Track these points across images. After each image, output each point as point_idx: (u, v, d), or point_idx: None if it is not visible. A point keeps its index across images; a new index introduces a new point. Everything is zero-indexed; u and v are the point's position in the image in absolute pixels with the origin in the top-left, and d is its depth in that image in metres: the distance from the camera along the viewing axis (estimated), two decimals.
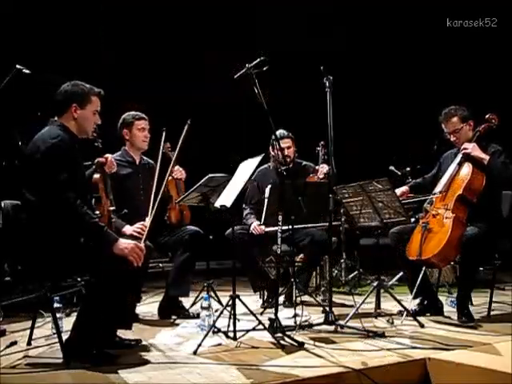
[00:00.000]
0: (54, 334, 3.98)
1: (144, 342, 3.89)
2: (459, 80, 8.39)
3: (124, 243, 3.39)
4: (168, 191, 4.82)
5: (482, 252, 4.37)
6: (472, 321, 4.30)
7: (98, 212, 3.95)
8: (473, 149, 4.49)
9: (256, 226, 5.23)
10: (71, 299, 5.07)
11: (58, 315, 3.72)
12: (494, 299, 4.73)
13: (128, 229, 4.50)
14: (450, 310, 4.75)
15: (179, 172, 4.92)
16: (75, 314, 3.61)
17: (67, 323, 3.91)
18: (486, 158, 4.43)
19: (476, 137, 4.62)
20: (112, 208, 4.31)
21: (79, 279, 4.52)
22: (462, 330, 4.11)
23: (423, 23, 8.61)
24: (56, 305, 3.95)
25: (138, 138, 4.93)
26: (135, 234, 4.38)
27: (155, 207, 4.14)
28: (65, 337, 3.46)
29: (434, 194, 4.58)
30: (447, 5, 7.90)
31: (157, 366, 3.34)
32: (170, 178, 4.66)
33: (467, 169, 4.47)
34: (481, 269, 4.95)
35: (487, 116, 4.69)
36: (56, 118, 3.62)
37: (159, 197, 4.23)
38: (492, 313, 4.64)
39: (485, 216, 4.39)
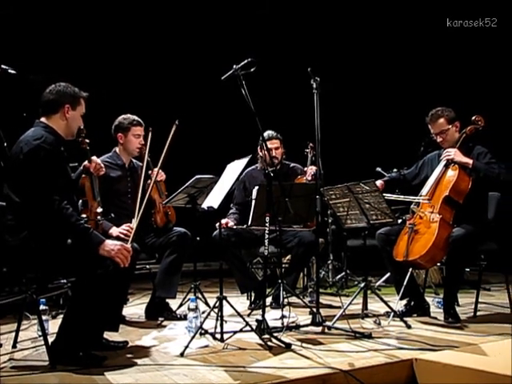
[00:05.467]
0: (39, 336, 3.96)
1: (131, 344, 3.88)
2: (446, 81, 8.43)
3: (110, 244, 3.37)
4: (150, 195, 4.79)
5: (468, 253, 4.40)
6: (458, 321, 4.32)
7: (84, 215, 3.94)
8: (455, 154, 4.52)
9: (223, 222, 5.18)
10: (57, 301, 5.05)
11: (43, 317, 3.69)
12: (479, 300, 4.76)
13: (114, 230, 4.49)
14: (436, 310, 4.78)
15: (159, 174, 4.89)
16: (61, 316, 3.59)
17: (53, 325, 3.89)
18: (470, 161, 4.46)
19: (462, 138, 4.65)
20: (99, 210, 4.29)
21: (65, 281, 4.52)
22: (449, 330, 4.13)
23: (412, 24, 8.65)
24: (42, 307, 3.92)
25: (132, 145, 4.90)
26: (122, 235, 4.37)
27: (142, 209, 4.12)
28: (51, 339, 3.43)
29: (421, 196, 4.60)
30: (447, 5, 7.93)
31: (143, 367, 3.32)
32: (151, 181, 4.62)
33: (453, 170, 4.50)
34: (467, 270, 4.98)
35: (473, 118, 4.72)
36: (42, 119, 3.60)
37: (146, 198, 4.21)
38: (478, 313, 4.66)
39: (471, 217, 4.42)
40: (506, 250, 4.76)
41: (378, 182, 4.73)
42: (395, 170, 6.42)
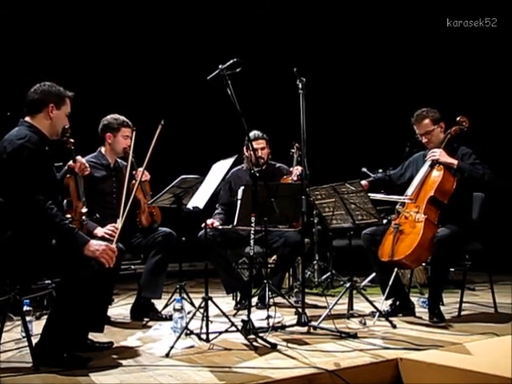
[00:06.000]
0: (23, 337, 3.93)
1: (116, 345, 3.87)
2: (431, 81, 8.48)
3: (95, 245, 3.35)
4: (135, 195, 4.76)
5: (453, 253, 4.42)
6: (443, 321, 4.34)
7: (69, 215, 3.91)
8: (440, 155, 4.55)
9: (208, 222, 5.16)
10: (41, 302, 5.01)
11: (27, 318, 3.67)
12: (464, 299, 4.79)
13: (99, 230, 4.47)
14: (421, 310, 4.80)
15: (144, 174, 4.86)
16: (45, 317, 3.57)
17: (37, 326, 3.85)
18: (455, 162, 4.49)
19: (447, 139, 4.68)
20: (84, 210, 4.26)
21: (50, 282, 4.49)
22: (433, 330, 4.14)
23: (398, 25, 8.69)
24: (26, 308, 3.90)
25: (120, 145, 4.87)
26: (106, 235, 4.35)
27: (127, 209, 4.11)
28: (35, 340, 3.41)
29: (406, 196, 4.62)
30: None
31: (129, 368, 3.31)
32: (135, 181, 4.60)
33: (438, 171, 4.52)
34: (451, 270, 5.01)
35: (458, 118, 4.75)
36: (27, 118, 3.57)
37: (130, 199, 4.19)
38: (462, 313, 4.69)
39: (456, 218, 4.44)
40: (490, 250, 4.80)
41: (363, 182, 4.73)
42: (381, 170, 6.45)
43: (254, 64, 5.65)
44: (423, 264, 5.17)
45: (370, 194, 4.42)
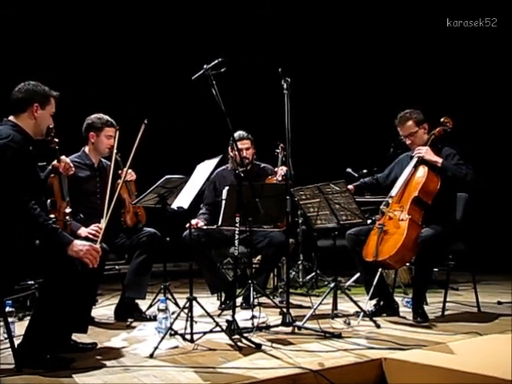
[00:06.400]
0: (5, 338, 3.87)
1: (100, 346, 3.84)
2: (415, 82, 8.52)
3: (79, 245, 3.33)
4: (120, 195, 4.74)
5: (437, 253, 4.45)
6: (427, 321, 4.36)
7: (53, 215, 3.88)
8: (426, 152, 4.57)
9: (193, 222, 5.17)
10: (24, 303, 4.97)
11: (10, 319, 3.63)
12: (447, 299, 4.82)
13: (83, 231, 4.44)
14: (405, 310, 4.82)
15: (129, 174, 4.85)
16: (28, 318, 3.54)
17: (20, 328, 3.83)
18: (439, 160, 4.51)
19: (431, 140, 4.70)
20: (68, 210, 4.24)
21: (33, 282, 4.45)
22: (417, 329, 4.17)
23: (388, 26, 8.73)
24: (8, 309, 3.86)
25: (103, 145, 4.84)
26: (90, 236, 4.32)
27: (111, 209, 4.09)
28: (17, 342, 3.37)
29: (390, 196, 4.64)
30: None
31: (112, 369, 3.29)
32: (120, 181, 4.58)
33: (422, 171, 4.54)
34: (435, 270, 5.03)
35: (442, 119, 4.78)
36: (11, 118, 3.54)
37: (114, 199, 4.17)
38: (446, 312, 4.71)
39: (439, 218, 4.46)
40: (474, 251, 4.83)
41: (349, 187, 4.74)
42: (365, 170, 6.48)
43: (239, 64, 5.65)
44: (407, 264, 5.21)
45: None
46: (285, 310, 4.26)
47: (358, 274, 5.78)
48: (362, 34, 8.94)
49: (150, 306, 4.95)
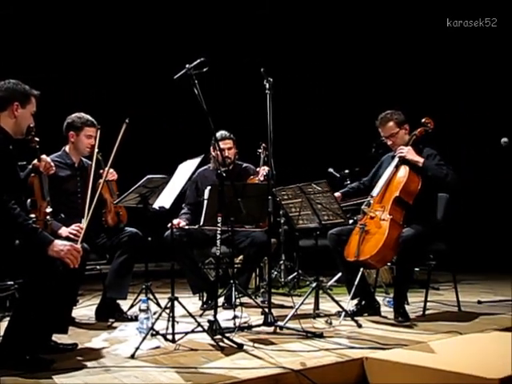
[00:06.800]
0: None
1: (80, 346, 3.81)
2: (396, 83, 8.57)
3: (60, 245, 3.30)
4: (101, 195, 4.72)
5: (418, 253, 4.47)
6: (408, 320, 4.38)
7: (33, 215, 3.85)
8: (408, 152, 4.60)
9: (174, 222, 5.16)
10: (3, 303, 4.92)
11: None
12: (428, 299, 4.85)
13: (64, 230, 4.41)
14: (386, 309, 4.85)
15: (111, 174, 4.82)
16: (8, 319, 3.50)
17: None
18: (421, 160, 4.54)
19: (412, 140, 4.73)
20: (49, 210, 4.20)
21: (12, 282, 4.41)
22: (399, 329, 4.19)
23: (367, 25, 8.76)
24: None
25: (83, 145, 4.81)
26: (71, 235, 4.29)
27: (92, 208, 4.06)
28: None
29: (372, 196, 4.66)
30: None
31: (93, 370, 3.27)
32: (102, 180, 4.55)
33: (404, 171, 4.57)
34: (416, 269, 5.06)
35: (423, 120, 4.81)
36: None
37: (95, 198, 4.15)
38: (427, 312, 4.74)
39: (420, 218, 4.49)
40: (454, 250, 4.87)
41: (336, 194, 4.75)
42: (347, 170, 6.52)
43: (221, 64, 5.65)
44: (388, 264, 5.22)
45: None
46: (267, 309, 4.26)
47: (340, 274, 5.80)
48: (345, 36, 8.98)
49: (132, 306, 4.93)
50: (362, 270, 4.73)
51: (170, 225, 4.40)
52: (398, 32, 8.52)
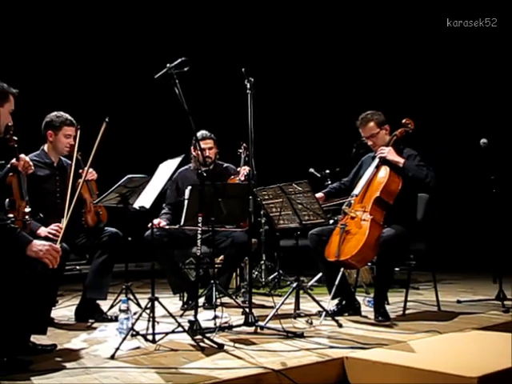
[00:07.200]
0: None
1: (59, 347, 3.78)
2: (377, 84, 8.61)
3: (39, 245, 3.27)
4: (81, 194, 4.68)
5: (398, 253, 4.49)
6: (388, 320, 4.40)
7: (11, 215, 3.81)
8: (388, 153, 4.62)
9: (155, 222, 5.15)
10: None
11: None
12: (408, 298, 4.88)
13: (43, 230, 4.37)
14: (367, 309, 4.87)
15: (90, 174, 4.79)
16: None
17: None
18: (401, 161, 4.56)
19: (393, 141, 4.75)
20: (28, 210, 4.16)
21: None
22: (379, 328, 4.20)
23: (344, 25, 8.79)
24: None
25: (61, 144, 4.77)
26: (50, 235, 4.25)
27: (71, 208, 4.03)
28: None
29: (352, 196, 4.67)
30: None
31: (72, 371, 3.24)
32: (81, 180, 4.52)
33: (384, 172, 4.59)
34: (396, 269, 5.09)
35: (403, 121, 4.84)
36: None
37: (75, 198, 4.11)
38: (407, 312, 4.77)
39: (401, 218, 4.51)
40: (434, 250, 4.90)
41: (318, 195, 4.76)
42: (328, 171, 6.54)
43: (202, 63, 5.64)
44: (369, 264, 5.25)
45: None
46: (247, 309, 4.26)
47: (320, 274, 5.81)
48: (327, 37, 9.00)
49: (112, 306, 4.90)
50: (342, 270, 4.74)
51: (150, 225, 4.38)
52: (385, 32, 8.56)
